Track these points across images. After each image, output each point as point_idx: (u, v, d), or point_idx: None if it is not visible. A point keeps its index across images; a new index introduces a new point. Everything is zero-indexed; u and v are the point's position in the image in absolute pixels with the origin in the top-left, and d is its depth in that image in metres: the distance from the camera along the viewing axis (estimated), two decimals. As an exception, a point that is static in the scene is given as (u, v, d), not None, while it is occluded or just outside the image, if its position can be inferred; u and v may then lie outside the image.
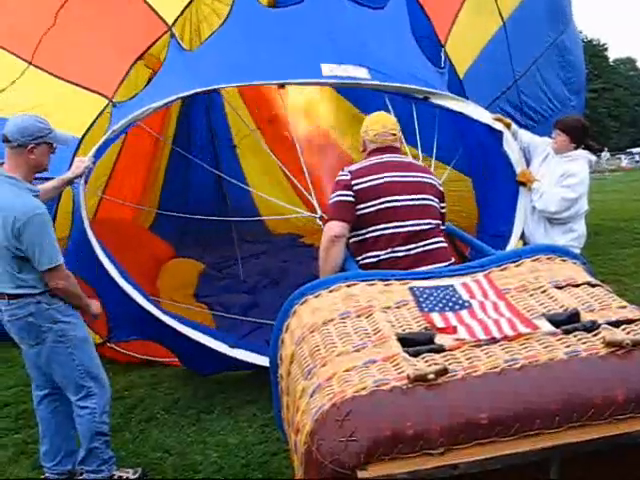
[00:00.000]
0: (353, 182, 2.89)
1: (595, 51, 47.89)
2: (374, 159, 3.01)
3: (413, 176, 2.96)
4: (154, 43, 4.53)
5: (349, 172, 2.95)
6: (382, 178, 2.90)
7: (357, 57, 4.32)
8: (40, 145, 2.85)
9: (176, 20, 4.54)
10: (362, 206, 2.87)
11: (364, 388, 1.51)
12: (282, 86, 4.41)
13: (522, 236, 4.32)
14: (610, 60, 52.28)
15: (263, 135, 7.42)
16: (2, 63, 4.47)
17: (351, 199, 2.87)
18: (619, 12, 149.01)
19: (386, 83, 4.22)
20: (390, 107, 4.39)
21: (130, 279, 3.88)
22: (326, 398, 1.54)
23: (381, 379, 1.54)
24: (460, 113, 4.30)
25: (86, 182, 3.75)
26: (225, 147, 7.97)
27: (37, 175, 3.00)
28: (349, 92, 6.59)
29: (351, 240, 2.93)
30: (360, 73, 4.21)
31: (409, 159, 3.12)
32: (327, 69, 4.14)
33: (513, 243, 4.24)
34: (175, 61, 4.46)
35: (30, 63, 4.40)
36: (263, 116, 7.64)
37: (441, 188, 3.11)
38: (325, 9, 4.62)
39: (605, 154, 32.33)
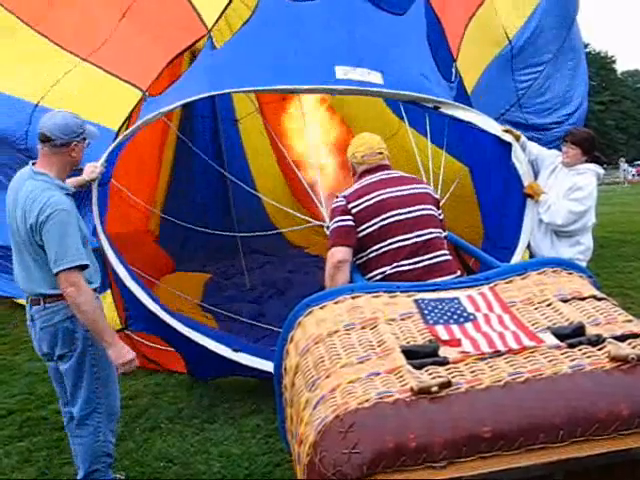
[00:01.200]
0: (350, 206, 2.90)
1: (603, 63, 47.94)
2: (365, 180, 3.02)
3: (407, 189, 2.97)
4: (192, 45, 4.74)
5: (343, 197, 2.96)
6: (378, 196, 2.91)
7: (374, 61, 4.29)
8: (80, 142, 2.78)
9: (215, 22, 4.70)
10: (363, 227, 2.87)
11: (367, 400, 1.51)
12: (292, 92, 4.41)
13: (528, 246, 4.32)
14: (618, 72, 52.31)
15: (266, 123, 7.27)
16: (55, 58, 4.69)
17: (351, 223, 2.88)
18: (627, 25, 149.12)
19: (397, 92, 4.19)
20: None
21: (138, 279, 3.97)
22: (329, 410, 1.54)
23: (385, 391, 1.53)
24: (469, 123, 4.30)
25: (100, 185, 3.83)
26: (227, 120, 7.83)
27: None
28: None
29: (357, 261, 2.93)
30: (374, 78, 4.17)
31: (400, 173, 3.12)
32: (341, 72, 4.09)
33: (519, 255, 4.24)
34: (200, 63, 4.60)
35: (83, 59, 4.66)
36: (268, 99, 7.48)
37: (436, 196, 3.14)
38: (345, 10, 4.60)
39: (623, 165, 32.43)
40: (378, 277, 2.81)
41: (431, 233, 2.90)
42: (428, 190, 3.08)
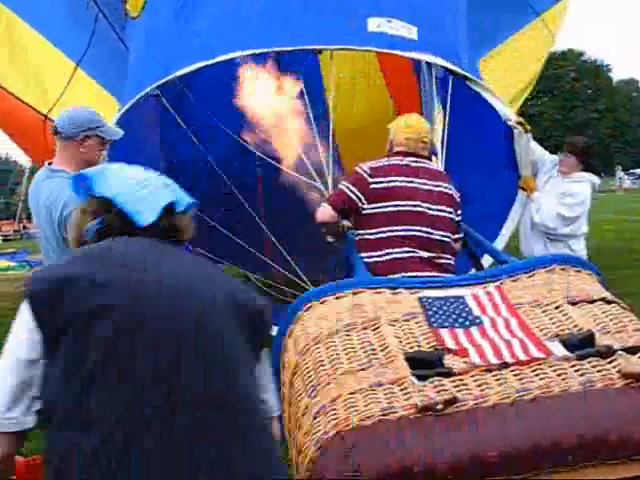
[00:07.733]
0: (371, 180, 2.84)
1: (598, 72, 47.95)
2: (397, 160, 2.94)
3: (437, 185, 2.92)
4: None
5: (369, 168, 2.88)
6: (407, 182, 2.84)
7: (411, 14, 3.95)
8: (90, 138, 2.73)
9: None
10: (378, 205, 2.82)
11: (370, 417, 1.44)
12: (319, 52, 4.12)
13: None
14: (613, 81, 52.25)
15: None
16: None
17: (356, 198, 2.85)
18: (623, 33, 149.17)
19: (426, 56, 3.82)
20: None
21: None
22: (330, 425, 1.47)
23: (388, 407, 1.47)
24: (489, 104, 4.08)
25: None
26: None
27: None
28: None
29: (365, 237, 2.85)
30: (408, 32, 3.83)
31: (434, 167, 3.06)
32: (374, 24, 3.76)
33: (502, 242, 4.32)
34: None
35: None
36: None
37: (458, 199, 3.06)
38: None
39: (619, 172, 32.65)
40: (385, 258, 2.75)
41: (444, 235, 2.87)
42: (453, 192, 3.01)
